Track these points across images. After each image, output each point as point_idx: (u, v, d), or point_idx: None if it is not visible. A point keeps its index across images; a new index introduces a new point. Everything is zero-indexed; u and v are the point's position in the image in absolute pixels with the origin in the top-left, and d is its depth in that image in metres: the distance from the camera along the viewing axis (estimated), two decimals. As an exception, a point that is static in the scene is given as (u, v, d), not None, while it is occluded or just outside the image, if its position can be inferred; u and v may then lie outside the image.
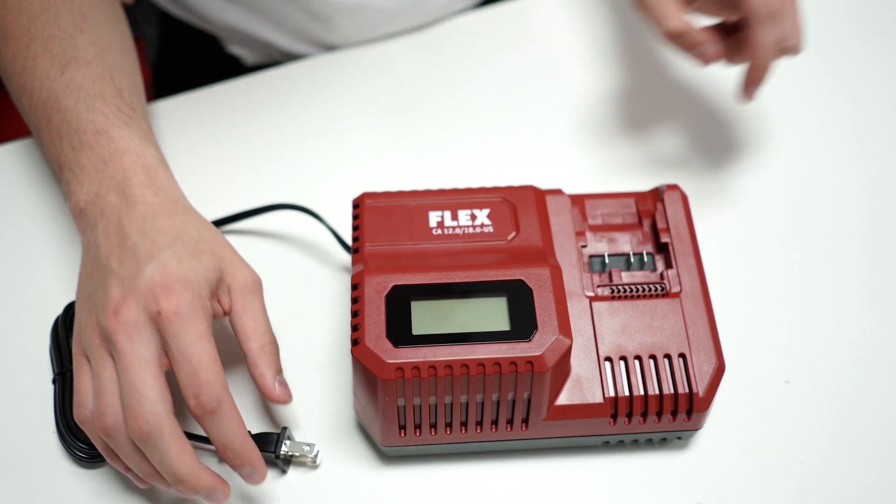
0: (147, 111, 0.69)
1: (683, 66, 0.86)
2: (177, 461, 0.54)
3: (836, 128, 0.82)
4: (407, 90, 0.84)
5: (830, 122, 0.82)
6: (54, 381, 0.64)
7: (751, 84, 0.70)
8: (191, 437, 0.62)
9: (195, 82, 0.84)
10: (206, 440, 0.61)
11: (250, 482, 0.58)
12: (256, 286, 0.61)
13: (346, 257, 0.72)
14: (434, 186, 0.72)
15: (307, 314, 0.69)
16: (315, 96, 0.83)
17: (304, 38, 0.88)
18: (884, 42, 0.88)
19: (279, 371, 0.59)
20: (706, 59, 0.68)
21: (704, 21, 0.70)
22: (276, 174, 0.77)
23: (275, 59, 0.92)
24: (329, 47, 0.88)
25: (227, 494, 0.57)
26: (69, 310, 0.66)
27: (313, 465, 0.62)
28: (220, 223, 0.73)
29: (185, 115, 0.81)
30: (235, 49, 0.94)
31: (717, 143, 0.81)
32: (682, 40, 0.67)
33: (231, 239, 0.73)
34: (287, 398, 0.59)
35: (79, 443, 0.61)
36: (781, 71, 0.86)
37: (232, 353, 0.64)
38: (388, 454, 0.63)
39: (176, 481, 0.55)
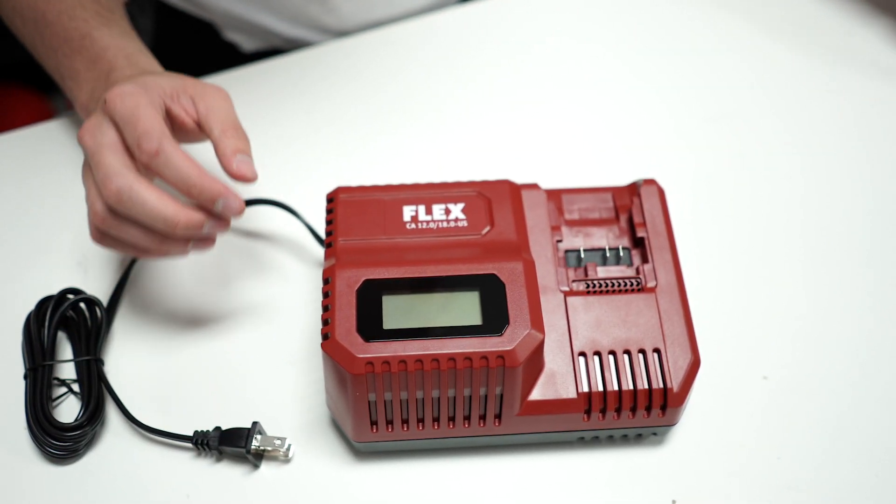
0: (125, 13, 0.74)
1: (662, 61, 0.86)
2: (163, 202, 0.57)
3: (815, 124, 0.81)
4: (383, 85, 0.83)
5: (808, 118, 0.82)
6: (25, 377, 0.64)
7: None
8: (164, 434, 0.62)
9: (193, 72, 0.84)
10: (183, 438, 0.61)
11: (229, 214, 0.59)
12: (223, 94, 0.63)
13: (321, 252, 0.71)
14: (411, 181, 0.72)
15: (282, 309, 0.69)
16: (290, 92, 0.82)
17: (302, 21, 0.88)
18: (860, 38, 0.88)
19: (242, 150, 0.60)
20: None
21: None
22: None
23: (273, 44, 0.92)
24: (327, 31, 0.87)
25: (242, 205, 0.59)
26: (41, 305, 0.66)
27: (285, 459, 0.62)
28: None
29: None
30: (233, 35, 0.93)
31: (694, 138, 0.80)
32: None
33: (207, 234, 0.73)
34: (249, 173, 0.60)
35: (50, 439, 0.61)
36: (760, 66, 0.86)
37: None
38: (360, 450, 0.62)
39: (190, 191, 0.57)
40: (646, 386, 0.59)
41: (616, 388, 0.59)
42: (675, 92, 0.83)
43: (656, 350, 0.60)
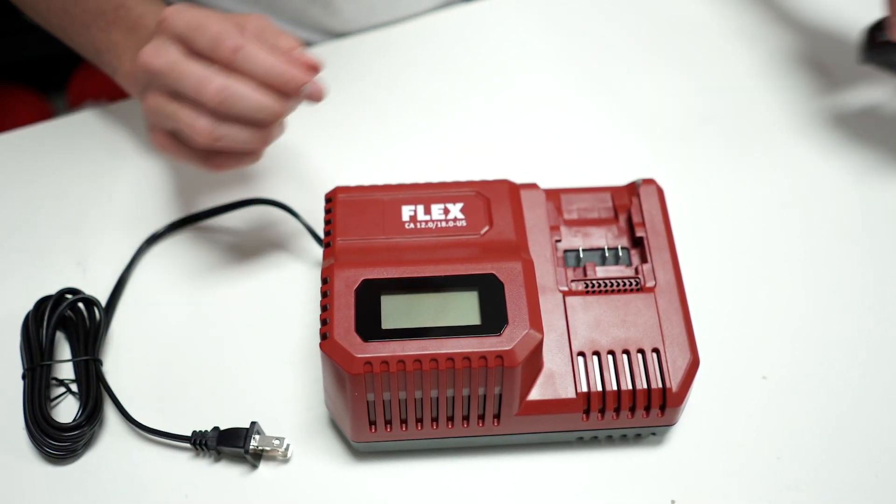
0: None
1: (660, 61, 0.86)
2: (259, 91, 0.58)
3: (814, 122, 0.81)
4: (382, 85, 0.83)
5: (808, 117, 0.82)
6: (24, 377, 0.64)
7: None
8: (165, 434, 0.62)
9: None
10: (182, 438, 0.61)
11: (316, 98, 0.60)
12: (263, 17, 0.62)
13: (320, 252, 0.71)
14: (409, 181, 0.72)
15: (281, 309, 0.69)
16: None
17: (305, 24, 0.88)
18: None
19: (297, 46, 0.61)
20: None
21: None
22: (251, 168, 0.77)
23: None
24: (329, 33, 0.87)
25: (323, 90, 0.60)
26: (40, 305, 0.66)
27: (284, 458, 0.62)
28: (194, 219, 0.73)
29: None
30: None
31: (693, 138, 0.80)
32: None
33: (206, 235, 0.73)
34: (315, 62, 0.60)
35: (48, 439, 0.61)
36: (759, 66, 0.86)
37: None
38: (359, 450, 0.62)
39: (277, 79, 0.58)
40: (645, 386, 0.59)
41: (615, 388, 0.59)
42: (674, 91, 0.83)
43: (655, 350, 0.60)
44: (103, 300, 0.68)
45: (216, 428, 0.61)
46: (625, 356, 0.60)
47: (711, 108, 0.82)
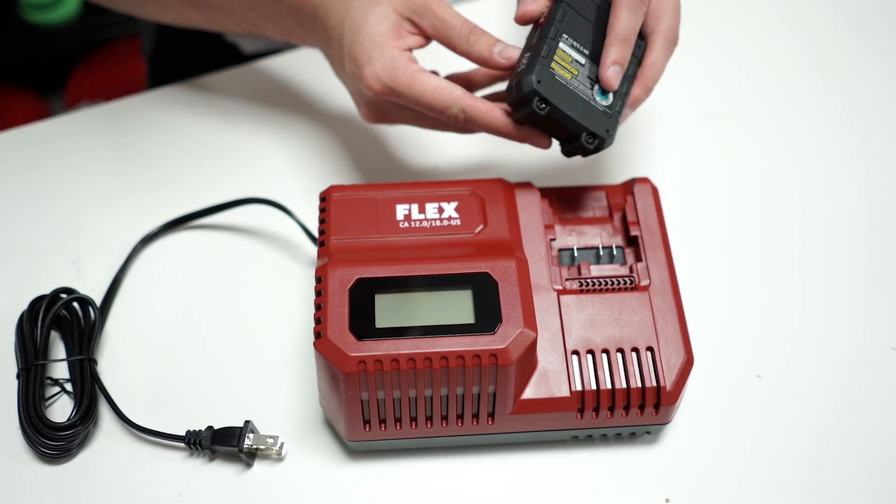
0: None
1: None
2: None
3: (809, 121, 0.81)
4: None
5: (803, 116, 0.82)
6: (18, 377, 0.64)
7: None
8: (159, 434, 0.62)
9: (194, 72, 0.84)
10: (176, 437, 0.61)
11: (506, 61, 0.63)
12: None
13: (314, 251, 0.71)
14: (405, 179, 0.72)
15: (276, 308, 0.69)
16: (284, 90, 0.82)
17: None
18: (857, 35, 0.88)
19: (493, 41, 0.64)
20: (522, 11, 0.66)
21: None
22: (246, 168, 0.77)
23: (273, 45, 0.92)
24: None
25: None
26: (34, 305, 0.66)
27: (278, 457, 0.62)
28: (190, 217, 0.73)
29: (157, 111, 0.81)
30: (234, 37, 0.93)
31: (688, 136, 0.80)
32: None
33: (200, 234, 0.73)
34: (513, 54, 0.64)
35: (42, 438, 0.61)
36: (754, 64, 0.86)
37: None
38: (353, 449, 0.62)
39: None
40: (639, 384, 0.59)
41: (609, 386, 0.59)
42: (668, 90, 0.83)
43: (649, 348, 0.60)
44: (98, 300, 0.68)
45: (210, 427, 0.61)
46: (619, 355, 0.60)
47: (706, 107, 0.82)
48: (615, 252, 0.64)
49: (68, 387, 0.65)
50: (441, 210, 0.63)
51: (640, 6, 0.64)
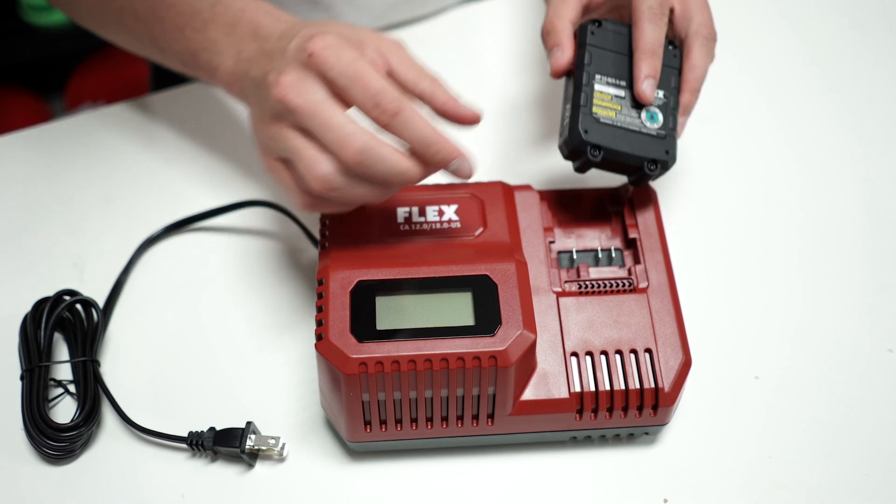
0: None
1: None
2: (400, 157, 0.55)
3: (808, 123, 0.82)
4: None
5: (802, 117, 0.82)
6: (22, 378, 0.64)
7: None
8: (164, 435, 0.62)
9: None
10: (178, 438, 0.62)
11: (463, 174, 0.57)
12: (399, 44, 0.59)
13: (316, 253, 0.72)
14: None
15: (278, 310, 0.69)
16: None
17: None
18: (857, 35, 0.88)
19: (456, 98, 0.58)
20: (554, 67, 0.65)
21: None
22: (248, 170, 0.77)
23: None
24: None
25: (473, 169, 0.57)
26: (38, 307, 0.66)
27: (280, 458, 0.62)
28: (193, 220, 0.73)
29: (159, 113, 0.81)
30: None
31: (685, 139, 0.81)
32: (546, 38, 0.66)
33: (203, 236, 0.74)
34: (476, 116, 0.58)
35: (46, 439, 0.61)
36: (753, 65, 0.86)
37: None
38: (354, 450, 0.63)
39: (427, 150, 0.55)
40: (637, 386, 0.59)
41: (608, 388, 0.59)
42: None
43: (648, 350, 0.60)
44: (101, 302, 0.69)
45: (212, 428, 0.62)
46: (617, 356, 0.60)
47: (703, 108, 0.82)
48: (614, 254, 0.64)
49: (71, 388, 0.65)
50: (441, 213, 0.64)
51: (660, 16, 0.63)
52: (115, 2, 0.70)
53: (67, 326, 0.67)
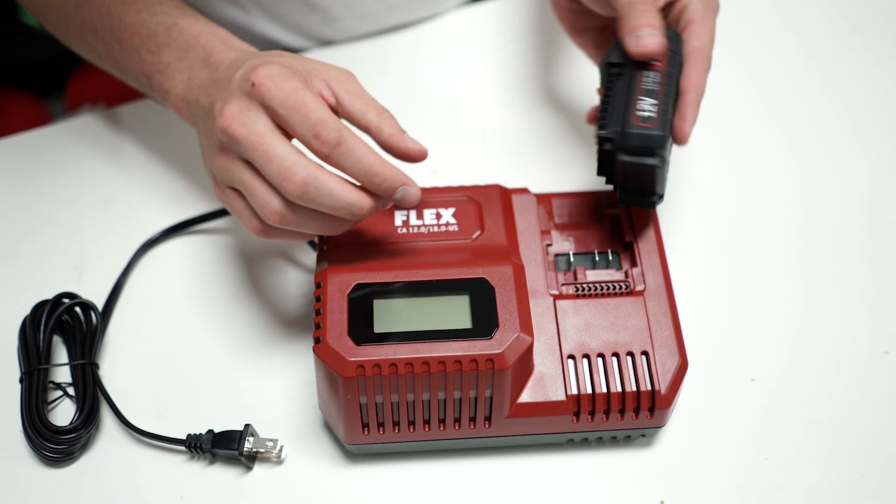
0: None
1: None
2: (346, 189, 0.55)
3: (807, 125, 0.82)
4: (374, 91, 0.84)
5: (801, 119, 0.82)
6: (21, 381, 0.64)
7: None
8: (162, 438, 0.63)
9: None
10: (177, 441, 0.62)
11: (408, 204, 0.57)
12: (349, 74, 0.60)
13: (313, 256, 0.72)
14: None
15: (276, 313, 0.70)
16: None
17: (303, 31, 0.88)
18: (857, 36, 0.89)
19: (403, 131, 0.58)
20: (645, 48, 0.61)
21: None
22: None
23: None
24: (329, 42, 0.88)
25: (420, 194, 0.57)
26: (37, 310, 0.66)
27: (278, 460, 0.63)
28: (192, 223, 0.73)
29: (159, 115, 0.81)
30: None
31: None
32: (639, 14, 0.63)
33: (201, 239, 0.74)
34: (422, 152, 0.58)
35: (45, 442, 0.62)
36: (751, 68, 0.86)
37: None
38: (352, 452, 0.63)
39: (371, 180, 0.55)
40: (634, 388, 0.60)
41: (604, 390, 0.60)
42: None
43: (644, 353, 0.60)
44: (100, 304, 0.69)
45: (211, 430, 0.62)
46: (614, 359, 0.60)
47: (703, 110, 0.82)
48: (611, 257, 0.65)
49: (70, 391, 0.65)
50: (439, 216, 0.64)
51: (710, 65, 0.64)
52: (77, 16, 0.71)
53: (66, 329, 0.67)
